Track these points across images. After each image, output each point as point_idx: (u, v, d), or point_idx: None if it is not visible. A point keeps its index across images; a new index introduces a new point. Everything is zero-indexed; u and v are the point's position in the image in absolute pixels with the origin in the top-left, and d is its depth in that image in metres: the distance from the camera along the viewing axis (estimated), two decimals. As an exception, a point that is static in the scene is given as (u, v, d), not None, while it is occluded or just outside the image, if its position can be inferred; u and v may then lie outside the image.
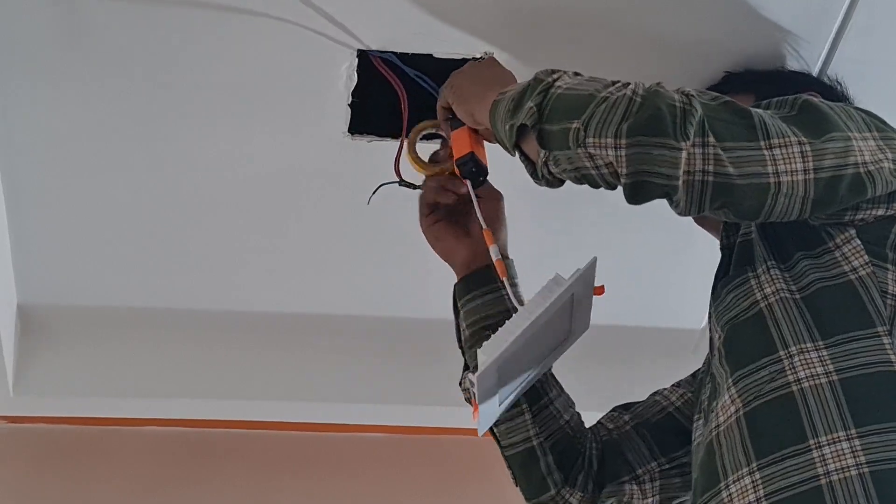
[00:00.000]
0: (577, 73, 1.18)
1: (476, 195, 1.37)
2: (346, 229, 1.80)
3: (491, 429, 1.37)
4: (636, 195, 1.09)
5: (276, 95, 1.57)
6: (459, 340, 1.43)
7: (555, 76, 1.16)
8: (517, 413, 1.36)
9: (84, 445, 2.09)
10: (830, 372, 1.09)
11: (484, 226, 1.35)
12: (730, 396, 1.14)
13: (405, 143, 1.46)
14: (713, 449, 1.15)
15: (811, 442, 1.06)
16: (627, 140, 1.05)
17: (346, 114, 1.58)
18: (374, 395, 2.03)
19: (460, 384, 1.42)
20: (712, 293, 1.27)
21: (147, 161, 1.66)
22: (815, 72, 1.54)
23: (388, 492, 2.16)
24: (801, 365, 1.10)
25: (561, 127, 1.10)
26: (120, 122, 1.60)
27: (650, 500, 1.39)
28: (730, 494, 1.10)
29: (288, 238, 1.81)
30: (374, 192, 1.46)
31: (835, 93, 1.46)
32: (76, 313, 1.91)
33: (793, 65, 1.53)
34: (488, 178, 1.40)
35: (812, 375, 1.09)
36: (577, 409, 1.43)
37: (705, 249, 1.81)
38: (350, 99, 1.56)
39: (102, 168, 1.67)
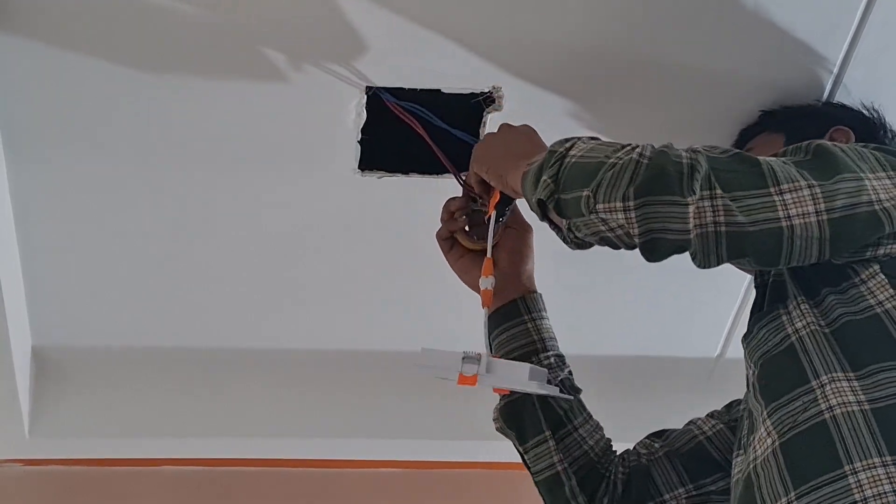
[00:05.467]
0: (592, 138, 1.22)
1: (500, 222, 1.42)
2: (358, 265, 1.80)
3: (521, 455, 1.45)
4: (652, 253, 1.12)
5: (286, 136, 1.58)
6: None
7: (568, 144, 1.19)
8: (542, 440, 1.42)
9: (100, 487, 2.09)
10: (862, 401, 1.09)
11: (489, 253, 1.39)
12: (765, 429, 1.15)
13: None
14: (751, 481, 1.15)
15: (846, 468, 1.06)
16: (635, 202, 1.09)
17: (355, 151, 1.59)
18: (387, 431, 2.03)
19: (494, 419, 1.47)
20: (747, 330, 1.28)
21: (159, 201, 1.67)
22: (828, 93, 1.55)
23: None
24: (833, 393, 1.11)
25: (574, 196, 1.14)
26: (133, 167, 1.61)
27: None
28: None
29: (301, 275, 1.82)
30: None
31: (870, 123, 1.47)
32: (90, 355, 1.90)
33: (837, 94, 1.53)
34: (518, 208, 1.45)
35: (844, 403, 1.10)
36: (604, 436, 1.46)
37: (718, 279, 1.82)
38: (359, 136, 1.57)
39: (115, 211, 1.67)
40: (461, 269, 1.46)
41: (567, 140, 1.21)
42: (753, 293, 1.30)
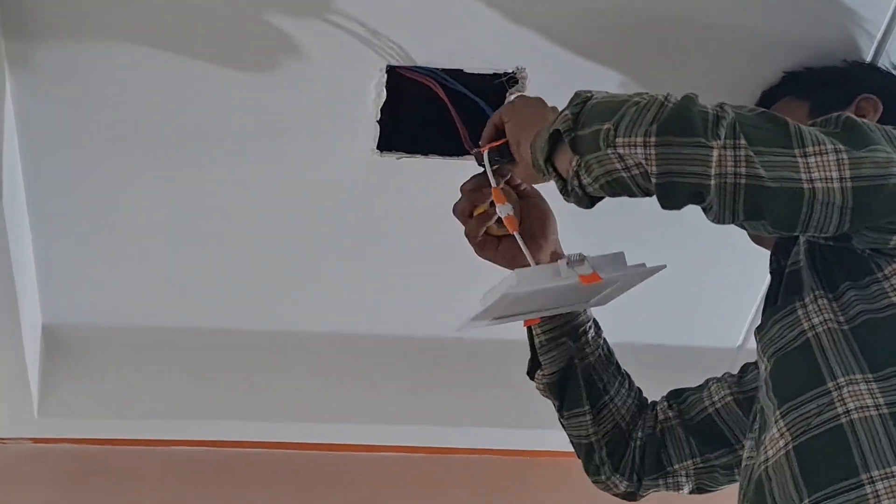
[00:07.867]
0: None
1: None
2: (375, 248, 1.79)
3: (561, 422, 1.49)
4: (668, 197, 1.08)
5: (304, 116, 1.56)
6: (531, 340, 1.47)
7: (595, 91, 1.17)
8: (581, 413, 1.45)
9: (109, 466, 2.09)
10: (881, 405, 1.07)
11: (493, 184, 1.31)
12: (778, 430, 1.13)
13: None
14: (762, 483, 1.14)
15: (863, 476, 1.04)
16: (657, 139, 1.06)
17: (374, 131, 1.56)
18: (398, 416, 2.03)
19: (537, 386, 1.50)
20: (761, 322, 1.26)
21: (172, 181, 1.65)
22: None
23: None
24: (850, 396, 1.08)
25: (592, 130, 1.10)
26: (145, 146, 1.59)
27: (685, 489, 1.48)
28: None
29: (315, 257, 1.80)
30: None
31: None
32: (101, 334, 1.90)
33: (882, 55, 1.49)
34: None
35: (861, 407, 1.07)
36: (632, 395, 1.49)
37: (739, 267, 1.80)
38: (378, 116, 1.54)
39: (127, 189, 1.66)
40: (505, 258, 1.38)
41: (591, 90, 1.18)
42: (775, 283, 1.28)
